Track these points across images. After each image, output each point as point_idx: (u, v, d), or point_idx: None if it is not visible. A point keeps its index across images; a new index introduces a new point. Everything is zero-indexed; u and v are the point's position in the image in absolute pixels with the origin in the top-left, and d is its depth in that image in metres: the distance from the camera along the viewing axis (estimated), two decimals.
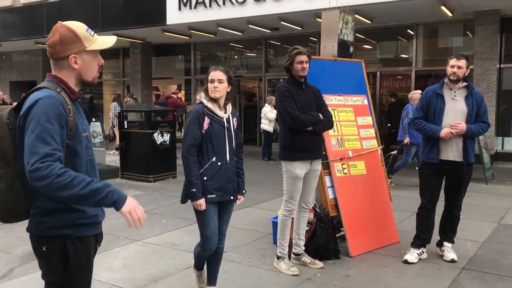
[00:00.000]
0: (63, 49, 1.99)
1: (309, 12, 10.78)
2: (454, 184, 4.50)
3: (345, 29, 5.37)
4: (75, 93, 2.06)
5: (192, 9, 12.16)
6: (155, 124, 9.12)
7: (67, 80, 2.03)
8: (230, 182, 3.42)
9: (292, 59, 4.08)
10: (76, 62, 2.02)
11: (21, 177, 1.92)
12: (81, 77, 2.06)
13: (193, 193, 3.27)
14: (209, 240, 3.40)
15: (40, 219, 1.98)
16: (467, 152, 4.35)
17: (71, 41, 1.99)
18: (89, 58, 2.05)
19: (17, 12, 16.12)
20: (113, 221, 5.90)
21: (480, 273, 4.21)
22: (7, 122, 1.93)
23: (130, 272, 4.29)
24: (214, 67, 3.41)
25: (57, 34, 1.99)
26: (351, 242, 4.67)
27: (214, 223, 3.40)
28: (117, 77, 18.38)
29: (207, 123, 3.32)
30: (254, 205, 6.88)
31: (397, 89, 13.67)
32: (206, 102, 3.37)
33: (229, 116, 3.44)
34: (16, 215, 1.99)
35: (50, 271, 2.04)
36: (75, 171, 1.97)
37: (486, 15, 10.91)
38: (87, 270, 2.10)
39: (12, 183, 1.92)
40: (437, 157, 4.38)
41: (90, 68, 2.07)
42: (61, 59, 2.01)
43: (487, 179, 8.67)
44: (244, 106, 16.21)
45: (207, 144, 3.33)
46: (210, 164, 3.33)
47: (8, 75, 19.59)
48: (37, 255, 2.05)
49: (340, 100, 5.07)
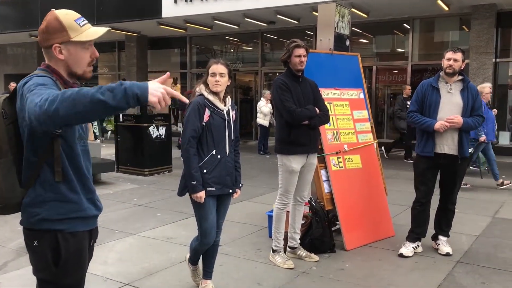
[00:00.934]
0: (47, 38, 1.94)
1: (306, 6, 10.76)
2: (449, 178, 4.50)
3: (341, 22, 5.36)
4: (69, 83, 1.99)
5: (188, 2, 12.10)
6: (150, 118, 9.09)
7: (59, 70, 1.98)
8: (229, 175, 3.41)
9: (290, 53, 4.06)
10: (61, 52, 1.95)
11: (18, 168, 1.90)
12: (70, 69, 1.99)
13: (194, 185, 3.25)
14: (208, 235, 3.39)
15: (32, 210, 1.94)
16: (462, 146, 4.35)
17: (54, 30, 1.93)
18: (75, 50, 1.96)
19: (12, 5, 15.99)
20: (109, 214, 5.94)
21: (475, 267, 4.23)
22: (2, 111, 1.88)
23: (125, 265, 4.28)
24: (215, 60, 3.38)
25: (45, 22, 1.95)
26: (346, 235, 4.67)
27: (212, 217, 3.38)
28: (112, 70, 18.30)
29: (208, 115, 3.30)
30: (250, 198, 6.87)
31: (392, 83, 13.69)
32: (207, 94, 3.35)
33: (229, 109, 3.43)
34: (11, 207, 1.95)
35: (41, 267, 1.99)
36: (70, 163, 1.96)
37: (482, 9, 10.91)
38: (80, 267, 2.06)
39: (7, 174, 1.88)
40: (432, 150, 4.37)
41: (78, 60, 1.98)
42: (47, 48, 1.96)
43: (482, 173, 8.69)
44: (240, 100, 16.18)
45: (207, 136, 3.31)
46: (210, 156, 3.32)
47: (3, 68, 19.48)
48: (29, 249, 2.01)
49: (336, 94, 5.06)
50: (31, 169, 1.93)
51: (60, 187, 1.94)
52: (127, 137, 9.29)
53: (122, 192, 7.50)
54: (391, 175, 8.44)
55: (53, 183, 1.93)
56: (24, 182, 1.93)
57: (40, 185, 1.93)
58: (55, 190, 1.94)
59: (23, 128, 1.90)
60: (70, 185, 1.97)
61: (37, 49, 17.82)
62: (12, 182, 1.90)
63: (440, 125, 4.26)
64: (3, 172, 1.88)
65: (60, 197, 1.95)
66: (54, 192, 1.94)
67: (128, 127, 9.26)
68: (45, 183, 1.93)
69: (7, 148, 1.89)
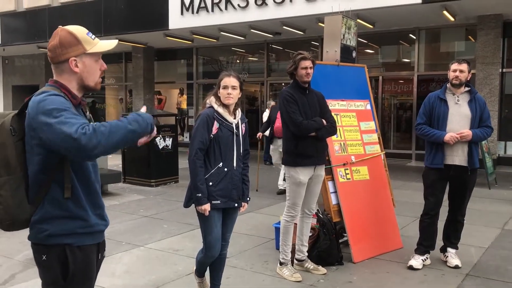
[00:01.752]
0: (63, 52, 1.97)
1: (311, 17, 10.78)
2: (459, 189, 4.48)
3: (348, 34, 5.37)
4: (77, 98, 2.02)
5: (195, 13, 12.18)
6: (157, 129, 9.08)
7: (69, 85, 2.00)
8: (235, 189, 3.39)
9: (296, 65, 4.07)
10: (77, 65, 1.99)
11: (26, 184, 1.91)
12: (82, 81, 2.03)
13: (199, 197, 3.25)
14: (212, 248, 3.38)
15: (40, 226, 1.96)
16: (472, 157, 4.33)
17: (70, 44, 1.97)
18: (90, 62, 2.02)
19: (20, 17, 16.17)
20: (116, 225, 5.94)
21: (485, 280, 4.18)
22: (10, 128, 1.90)
23: (132, 278, 4.27)
24: (227, 73, 3.38)
25: (57, 38, 1.98)
26: (354, 248, 4.64)
27: (217, 230, 3.37)
28: (119, 81, 18.40)
29: (216, 127, 3.31)
30: (256, 210, 6.85)
31: (398, 93, 13.66)
32: (217, 107, 3.35)
33: (238, 122, 3.42)
34: (19, 223, 1.95)
35: (50, 281, 2.01)
36: (79, 179, 1.98)
37: (488, 19, 10.90)
38: (88, 280, 2.07)
39: (15, 191, 1.89)
40: (442, 162, 4.36)
41: (91, 73, 2.04)
42: (62, 63, 1.99)
43: (490, 184, 8.63)
44: (246, 110, 16.20)
45: (215, 148, 3.31)
46: (217, 169, 3.31)
47: (11, 80, 19.63)
48: (38, 264, 2.03)
49: (343, 105, 5.06)
50: (39, 186, 1.94)
51: (68, 204, 1.96)
52: (133, 148, 9.30)
53: (129, 203, 7.50)
54: (398, 185, 8.40)
55: (61, 200, 1.95)
56: (32, 199, 1.93)
57: (48, 202, 1.95)
58: (63, 207, 1.96)
59: (31, 145, 1.91)
60: (78, 201, 1.98)
61: (45, 61, 17.97)
62: (20, 198, 1.91)
63: (450, 137, 4.24)
64: (12, 189, 1.89)
65: (68, 214, 1.97)
66: (62, 209, 1.95)
67: None
68: (53, 201, 1.95)
69: (16, 164, 1.90)
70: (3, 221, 1.92)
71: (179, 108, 16.76)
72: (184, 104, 17.01)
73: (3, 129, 1.90)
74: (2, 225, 1.94)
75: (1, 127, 1.90)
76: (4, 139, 1.89)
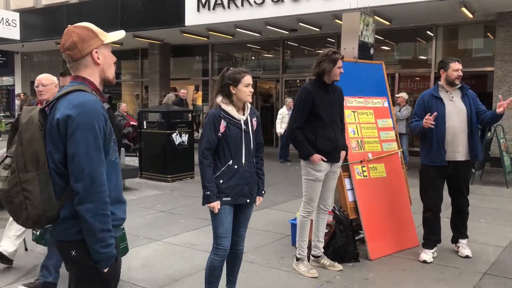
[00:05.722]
0: (84, 46, 2.01)
1: (328, 13, 10.75)
2: (458, 183, 4.63)
3: (365, 31, 5.35)
4: (103, 96, 2.08)
5: (211, 10, 12.22)
6: (173, 125, 9.20)
7: (94, 80, 2.04)
8: (247, 185, 3.37)
9: (334, 64, 4.04)
10: (98, 57, 2.04)
11: (53, 179, 1.91)
12: (104, 74, 2.08)
13: (207, 196, 3.26)
14: (222, 239, 3.32)
15: (71, 221, 1.93)
16: (475, 149, 4.49)
17: (90, 37, 2.03)
18: (107, 53, 2.09)
19: (39, 13, 16.40)
20: (133, 220, 6.01)
21: (503, 279, 4.16)
22: (39, 123, 1.91)
23: (150, 272, 4.32)
24: (244, 70, 3.38)
25: (73, 35, 2.01)
26: (370, 245, 4.64)
27: (228, 223, 3.34)
28: (135, 77, 18.55)
29: (224, 126, 3.30)
30: (272, 206, 6.88)
31: (415, 90, 13.55)
32: (224, 105, 3.35)
33: (247, 118, 3.41)
34: (46, 219, 1.92)
35: (84, 274, 2.00)
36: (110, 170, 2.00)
37: (508, 16, 10.74)
38: (118, 269, 2.10)
39: (44, 186, 1.89)
40: (444, 159, 4.45)
41: (110, 64, 2.11)
42: (84, 58, 2.02)
43: (508, 182, 8.53)
44: (261, 107, 16.21)
45: (224, 147, 3.31)
46: (227, 167, 3.31)
47: (29, 75, 19.91)
48: (67, 261, 2.02)
49: (361, 102, 5.05)
50: (65, 182, 1.93)
51: None
52: (150, 143, 9.41)
53: (146, 198, 7.58)
54: (415, 183, 8.32)
55: None
56: (59, 194, 1.93)
57: None
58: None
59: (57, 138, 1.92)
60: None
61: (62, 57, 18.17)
62: (49, 194, 1.90)
63: (425, 123, 4.30)
64: (41, 184, 1.89)
65: None
66: None
67: (152, 134, 9.39)
68: None
69: (44, 159, 1.91)
70: (30, 218, 1.90)
71: (194, 105, 16.84)
72: (199, 100, 17.09)
73: (31, 123, 1.91)
74: (28, 222, 1.91)
75: (30, 121, 1.91)
76: (33, 133, 1.90)
